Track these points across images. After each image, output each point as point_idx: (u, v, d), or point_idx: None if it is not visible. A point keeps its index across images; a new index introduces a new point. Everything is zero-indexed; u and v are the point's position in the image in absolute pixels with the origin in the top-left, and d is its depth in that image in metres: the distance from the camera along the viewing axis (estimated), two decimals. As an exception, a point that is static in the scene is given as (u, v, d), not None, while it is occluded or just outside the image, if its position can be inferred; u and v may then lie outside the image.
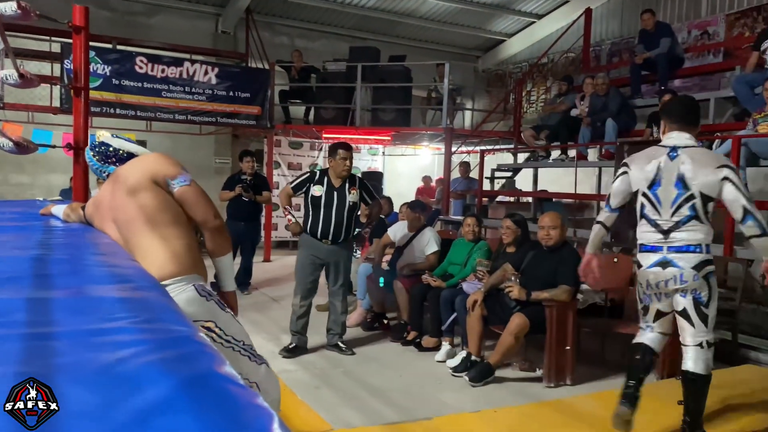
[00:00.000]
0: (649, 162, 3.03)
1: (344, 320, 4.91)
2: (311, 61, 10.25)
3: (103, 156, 2.32)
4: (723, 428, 3.31)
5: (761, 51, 6.20)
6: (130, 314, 1.07)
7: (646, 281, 3.04)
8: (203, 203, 2.17)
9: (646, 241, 3.03)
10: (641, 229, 3.07)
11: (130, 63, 8.42)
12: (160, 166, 2.14)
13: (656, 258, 2.98)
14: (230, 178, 7.04)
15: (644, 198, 3.03)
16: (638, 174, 3.05)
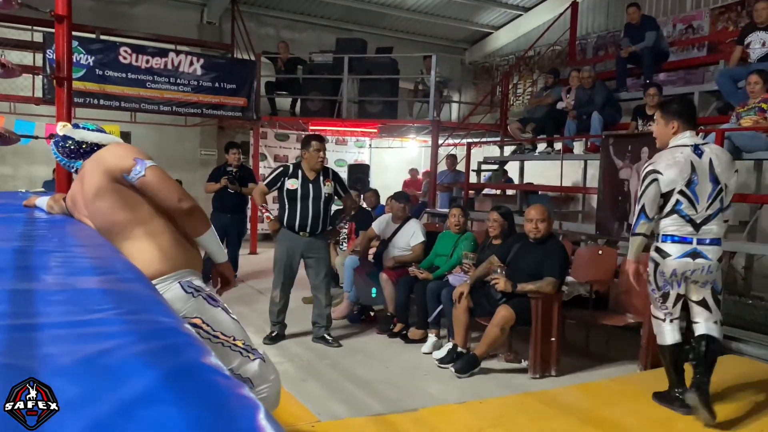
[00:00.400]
0: (678, 163, 3.21)
1: (329, 312, 4.92)
2: (297, 52, 10.20)
3: (67, 152, 2.22)
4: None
5: (745, 45, 6.26)
6: (114, 306, 1.06)
7: (672, 270, 3.24)
8: (165, 189, 2.04)
9: (676, 233, 3.23)
10: (669, 222, 3.25)
11: (113, 53, 8.32)
12: (114, 161, 2.03)
13: (687, 249, 3.21)
14: (215, 170, 7.01)
15: (680, 195, 3.21)
16: (672, 175, 3.20)
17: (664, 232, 3.28)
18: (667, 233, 3.26)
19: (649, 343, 4.21)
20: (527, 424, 3.21)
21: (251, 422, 0.72)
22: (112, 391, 0.69)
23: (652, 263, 3.35)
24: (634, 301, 4.62)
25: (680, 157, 3.22)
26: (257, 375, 2.07)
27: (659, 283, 3.32)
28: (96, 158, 2.11)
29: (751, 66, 5.96)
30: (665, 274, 3.27)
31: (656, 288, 3.34)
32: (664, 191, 3.23)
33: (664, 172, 3.22)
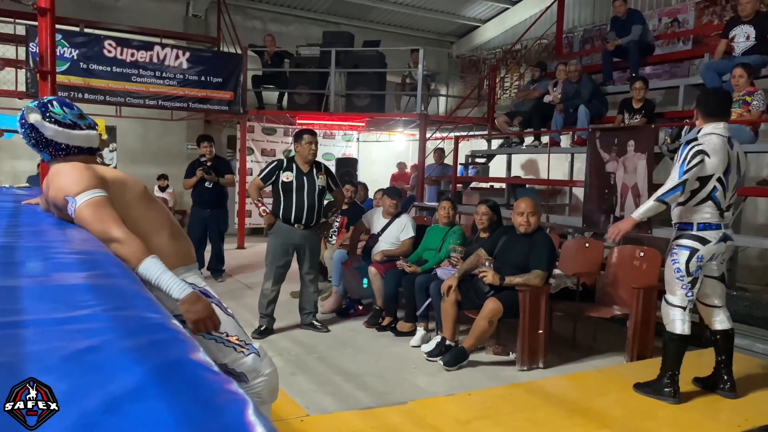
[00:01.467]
0: (723, 150, 3.34)
1: (316, 299, 5.07)
2: (284, 45, 10.14)
3: (35, 142, 1.97)
4: (692, 406, 3.41)
5: (729, 39, 6.31)
6: (100, 301, 1.06)
7: (711, 255, 3.38)
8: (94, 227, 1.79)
9: (712, 221, 3.37)
10: (705, 209, 3.37)
11: (98, 46, 8.23)
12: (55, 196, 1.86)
13: (720, 234, 3.38)
14: (191, 165, 6.86)
15: (718, 182, 3.34)
16: (717, 161, 3.32)
17: (702, 220, 3.38)
18: (704, 221, 3.38)
19: (635, 334, 4.25)
20: (514, 414, 3.23)
21: (239, 417, 0.72)
22: (99, 387, 0.69)
23: (685, 250, 3.39)
24: (620, 293, 4.66)
25: (724, 145, 3.36)
26: (251, 369, 2.08)
27: (691, 269, 3.39)
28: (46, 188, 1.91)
29: (735, 59, 6.01)
30: (703, 260, 3.38)
31: (686, 275, 3.40)
32: (706, 174, 3.32)
33: (711, 156, 3.31)
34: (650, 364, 4.17)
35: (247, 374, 2.07)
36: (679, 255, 3.42)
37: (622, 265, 4.80)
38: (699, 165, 3.29)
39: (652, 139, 5.65)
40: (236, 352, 2.04)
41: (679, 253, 3.42)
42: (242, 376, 2.07)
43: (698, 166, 3.29)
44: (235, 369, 2.04)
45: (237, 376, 2.06)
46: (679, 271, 3.41)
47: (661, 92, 7.82)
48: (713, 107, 3.43)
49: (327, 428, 3.02)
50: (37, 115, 1.95)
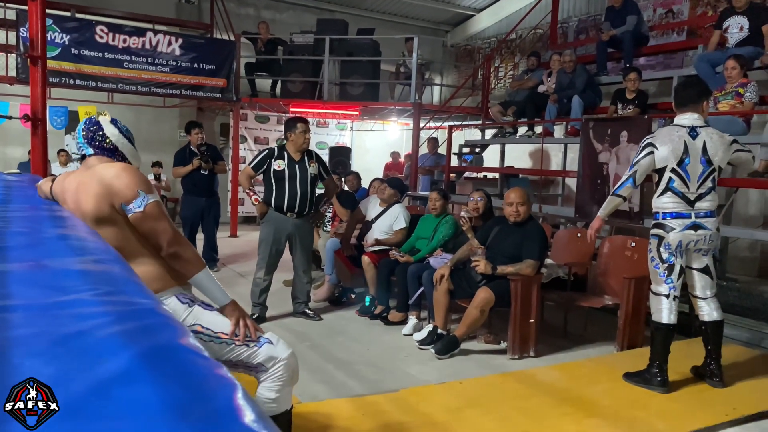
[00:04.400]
0: (673, 141, 3.40)
1: (309, 288, 5.08)
2: (278, 33, 10.08)
3: (89, 136, 2.20)
4: (681, 395, 3.44)
5: (723, 30, 6.31)
6: (90, 287, 1.05)
7: (677, 242, 3.43)
8: (156, 231, 2.03)
9: (675, 210, 3.44)
10: (664, 200, 3.46)
11: (89, 32, 8.15)
12: (118, 189, 2.01)
13: (687, 222, 3.42)
14: (180, 153, 6.75)
15: (673, 173, 3.42)
16: (666, 153, 3.41)
17: (663, 210, 3.47)
18: (665, 210, 3.46)
19: (626, 324, 4.28)
20: (505, 403, 3.25)
21: (228, 402, 0.73)
22: (87, 371, 0.69)
23: (654, 239, 3.52)
24: (611, 283, 4.69)
25: (675, 136, 3.42)
26: (268, 358, 2.17)
27: (663, 257, 3.48)
28: (100, 175, 2.05)
29: (728, 50, 6.02)
30: (670, 246, 3.44)
31: (660, 262, 3.50)
32: (657, 167, 3.44)
33: (660, 148, 3.42)
34: (640, 353, 4.21)
35: (264, 363, 2.17)
36: (651, 244, 3.55)
37: (613, 255, 4.82)
38: (647, 157, 3.45)
39: (645, 129, 5.66)
40: (248, 348, 2.14)
41: (651, 242, 3.55)
42: (260, 366, 2.17)
43: (646, 157, 3.45)
44: (251, 362, 2.15)
45: (255, 367, 2.17)
46: (654, 260, 3.53)
47: (655, 83, 7.83)
48: (680, 98, 3.54)
49: (318, 416, 3.03)
50: (107, 118, 2.26)
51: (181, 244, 2.06)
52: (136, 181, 2.02)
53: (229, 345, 2.12)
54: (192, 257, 2.08)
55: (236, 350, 2.12)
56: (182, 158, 6.65)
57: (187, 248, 2.08)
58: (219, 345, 2.10)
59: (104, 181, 2.02)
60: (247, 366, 2.16)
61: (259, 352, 2.16)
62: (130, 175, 2.03)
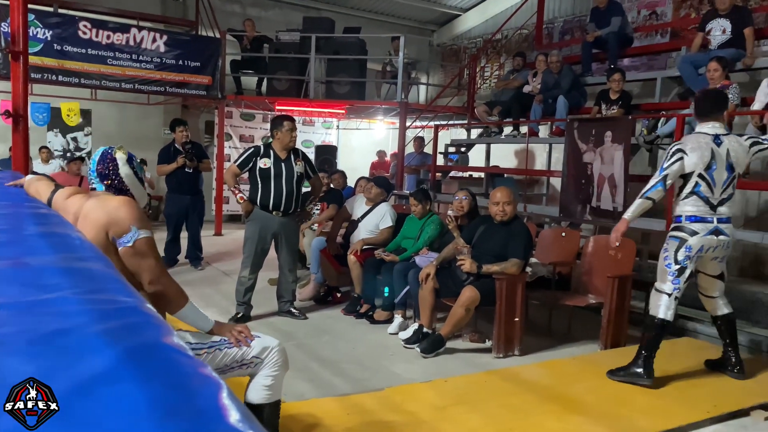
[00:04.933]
0: (701, 148, 3.51)
1: (294, 288, 5.05)
2: (264, 30, 10.02)
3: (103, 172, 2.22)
4: (665, 393, 3.47)
5: (705, 32, 6.38)
6: (72, 284, 1.04)
7: (699, 247, 3.53)
8: (140, 267, 2.05)
9: (698, 213, 3.54)
10: (689, 203, 3.56)
11: (72, 28, 8.05)
12: (114, 221, 2.03)
13: (710, 227, 3.53)
14: (165, 150, 6.70)
15: (699, 178, 3.52)
16: (695, 159, 3.51)
17: (687, 213, 3.57)
18: (689, 214, 3.56)
19: (609, 323, 4.32)
20: (490, 400, 3.27)
21: (213, 401, 0.72)
22: (69, 369, 0.68)
23: (675, 241, 3.58)
24: (595, 282, 4.72)
25: (703, 143, 3.52)
26: (261, 349, 2.29)
27: (679, 258, 3.56)
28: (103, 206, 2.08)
29: (711, 52, 6.08)
30: (691, 250, 3.53)
31: (674, 263, 3.57)
32: (686, 171, 3.53)
33: (689, 154, 3.51)
34: (624, 352, 4.24)
35: (259, 355, 2.28)
36: (669, 245, 3.61)
37: (597, 254, 4.85)
38: (678, 162, 3.52)
39: (629, 130, 5.71)
40: (240, 349, 2.25)
41: (669, 243, 3.61)
42: (255, 359, 2.28)
43: (677, 163, 3.52)
44: (247, 357, 2.25)
45: (250, 362, 2.27)
46: (668, 259, 3.59)
47: (639, 84, 7.90)
48: (703, 108, 3.66)
49: (304, 415, 3.02)
50: (124, 156, 2.27)
51: (165, 283, 2.10)
52: (132, 216, 2.04)
53: (222, 350, 2.21)
54: (175, 295, 2.13)
55: (230, 353, 2.22)
56: (167, 156, 6.60)
57: (170, 286, 2.12)
58: (212, 355, 2.19)
59: (105, 212, 2.06)
60: (242, 364, 2.25)
61: (253, 345, 2.26)
62: (128, 209, 2.06)
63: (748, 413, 3.29)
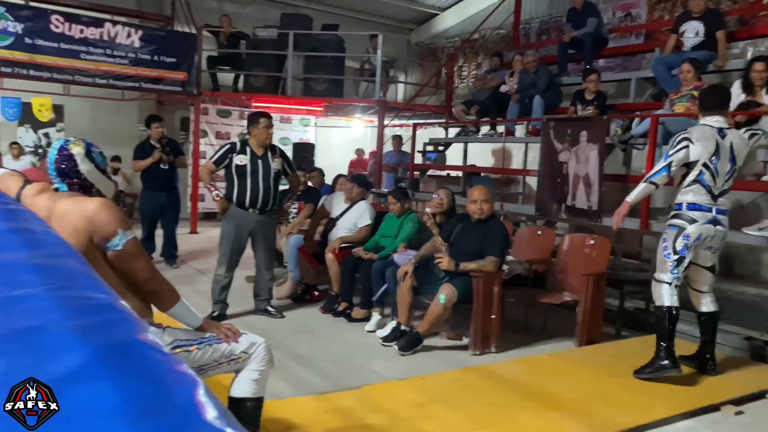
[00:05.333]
0: (707, 138, 3.58)
1: (272, 286, 5.02)
2: (241, 26, 9.92)
3: (62, 171, 2.14)
4: (639, 389, 3.52)
5: (679, 34, 6.48)
6: (43, 281, 1.01)
7: (697, 235, 3.58)
8: (133, 269, 2.07)
9: (699, 202, 3.59)
10: (692, 192, 3.61)
11: (44, 21, 7.88)
12: (98, 226, 2.00)
13: (709, 216, 3.59)
14: (140, 147, 6.61)
15: (704, 167, 3.58)
16: (700, 148, 3.56)
17: (688, 201, 3.62)
18: (690, 202, 3.61)
19: (584, 320, 4.36)
20: (468, 398, 3.28)
21: (189, 398, 0.70)
22: (39, 368, 0.66)
23: (673, 230, 3.63)
24: (570, 279, 4.77)
25: (708, 133, 3.59)
26: (249, 344, 2.31)
27: (678, 248, 3.60)
28: (80, 210, 2.02)
29: (684, 54, 6.18)
30: (689, 238, 3.57)
31: (673, 252, 3.61)
32: (690, 160, 3.57)
33: (695, 143, 3.56)
34: (598, 349, 4.31)
35: (247, 350, 2.30)
36: (668, 234, 3.66)
37: (572, 252, 4.91)
38: (683, 150, 3.57)
39: (603, 130, 5.78)
40: (228, 344, 2.27)
41: (668, 233, 3.66)
42: (243, 354, 2.30)
43: (682, 150, 3.57)
44: (235, 352, 2.27)
45: (238, 357, 2.29)
46: (666, 249, 3.63)
47: (614, 84, 8.00)
48: (708, 102, 3.74)
49: (281, 413, 3.00)
50: (82, 150, 2.16)
51: (158, 281, 2.14)
52: (116, 219, 2.02)
53: (212, 345, 2.23)
54: (168, 292, 2.17)
55: (219, 348, 2.24)
56: (143, 152, 6.51)
57: (163, 284, 2.16)
58: (202, 350, 2.20)
59: (84, 216, 2.00)
60: (231, 359, 2.27)
61: (241, 341, 2.29)
62: (110, 212, 2.03)
63: (719, 408, 3.36)
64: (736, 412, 3.33)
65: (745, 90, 4.98)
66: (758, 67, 4.85)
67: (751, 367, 4.02)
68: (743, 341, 4.44)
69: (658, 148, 5.31)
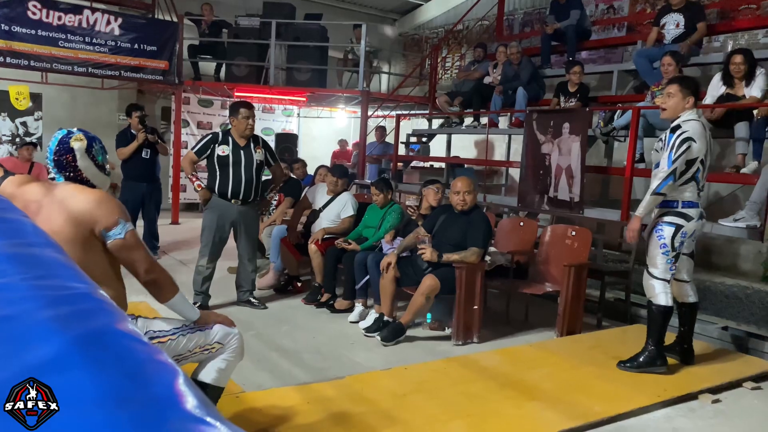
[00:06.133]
0: (704, 135, 3.57)
1: (254, 277, 4.99)
2: (222, 15, 9.81)
3: (61, 163, 2.16)
4: (616, 378, 3.57)
5: (660, 26, 6.53)
6: (20, 270, 0.99)
7: (693, 231, 3.62)
8: (134, 259, 2.12)
9: (693, 199, 3.61)
10: (688, 189, 3.59)
11: (21, 7, 7.72)
12: (99, 216, 2.05)
13: (699, 211, 3.63)
14: (122, 135, 6.55)
15: (701, 164, 3.57)
16: (700, 145, 3.54)
17: (684, 198, 3.61)
18: (686, 199, 3.60)
19: (565, 310, 4.40)
20: (449, 387, 3.30)
21: (169, 388, 0.70)
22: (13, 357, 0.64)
23: (670, 227, 3.61)
24: (552, 270, 4.81)
25: (703, 129, 3.57)
26: (224, 334, 2.35)
27: (676, 244, 3.61)
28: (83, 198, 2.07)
29: (665, 47, 6.23)
30: (686, 235, 3.60)
31: (671, 249, 3.62)
32: (691, 157, 3.54)
33: (697, 141, 3.52)
34: (579, 339, 4.35)
35: (221, 341, 2.33)
36: (664, 230, 3.62)
37: (554, 243, 4.94)
38: (686, 151, 3.51)
39: (586, 122, 5.81)
40: (201, 331, 2.29)
41: (664, 229, 3.62)
42: (217, 345, 2.33)
43: (686, 153, 3.51)
44: (209, 342, 2.31)
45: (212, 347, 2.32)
46: (665, 246, 3.62)
47: (596, 77, 8.04)
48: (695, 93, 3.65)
49: (262, 404, 3.00)
50: (83, 146, 2.19)
51: (159, 271, 2.17)
52: (119, 209, 2.09)
53: (185, 335, 2.24)
54: (168, 283, 2.20)
55: (194, 338, 2.25)
56: (124, 140, 6.44)
57: (163, 273, 2.19)
58: (176, 340, 2.21)
59: (87, 205, 2.05)
60: (205, 349, 2.30)
61: (215, 331, 2.32)
62: (112, 203, 2.10)
63: (697, 397, 3.42)
64: (713, 400, 3.39)
65: (725, 83, 5.03)
66: (737, 59, 4.90)
67: (728, 356, 4.09)
68: (721, 331, 4.52)
69: (639, 140, 5.36)
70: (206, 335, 2.29)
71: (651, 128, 5.48)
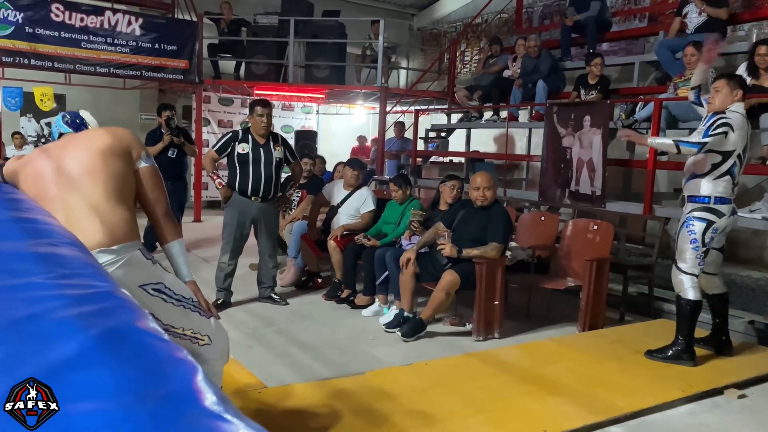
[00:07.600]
0: (744, 129, 3.51)
1: (275, 273, 5.03)
2: (241, 13, 9.88)
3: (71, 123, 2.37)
4: (639, 373, 3.53)
5: (683, 16, 6.42)
6: (44, 270, 1.02)
7: (723, 228, 3.60)
8: (159, 195, 2.25)
9: (726, 195, 3.56)
10: (721, 183, 3.54)
11: (44, 10, 7.86)
12: (133, 143, 2.20)
13: (731, 207, 3.59)
14: (151, 134, 6.65)
15: (737, 159, 3.51)
16: (737, 138, 3.47)
17: (718, 194, 3.55)
18: (719, 194, 3.55)
19: (587, 305, 4.37)
20: (469, 382, 3.29)
21: (188, 384, 0.71)
22: (37, 354, 0.66)
23: (702, 222, 3.58)
24: (573, 265, 4.77)
25: (745, 123, 3.51)
26: (214, 332, 2.30)
27: (707, 240, 3.59)
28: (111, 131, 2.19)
29: (688, 37, 6.12)
30: (717, 231, 3.58)
31: (701, 245, 3.60)
32: (726, 149, 3.47)
33: (735, 131, 3.46)
34: (602, 334, 4.32)
35: (211, 335, 2.28)
36: (695, 226, 3.59)
37: (575, 238, 4.90)
38: (721, 136, 3.44)
39: (607, 114, 5.75)
40: (201, 315, 2.24)
41: (695, 224, 3.59)
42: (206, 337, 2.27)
43: (720, 136, 3.44)
44: (201, 331, 2.24)
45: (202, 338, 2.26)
46: (695, 242, 3.60)
47: (617, 68, 7.94)
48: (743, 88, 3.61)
49: (284, 399, 3.02)
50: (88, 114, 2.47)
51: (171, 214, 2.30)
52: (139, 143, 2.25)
53: (185, 309, 2.19)
54: (175, 223, 2.33)
55: (192, 317, 2.20)
56: (154, 139, 6.55)
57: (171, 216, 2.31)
58: (177, 309, 2.15)
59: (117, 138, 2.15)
60: (194, 336, 2.23)
61: (209, 323, 2.28)
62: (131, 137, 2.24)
63: (722, 392, 3.37)
64: (739, 395, 3.33)
65: (750, 73, 4.93)
66: (762, 50, 4.81)
67: (755, 350, 4.02)
68: (747, 325, 4.44)
69: (661, 132, 5.28)
70: (204, 321, 2.25)
71: (674, 120, 5.40)
